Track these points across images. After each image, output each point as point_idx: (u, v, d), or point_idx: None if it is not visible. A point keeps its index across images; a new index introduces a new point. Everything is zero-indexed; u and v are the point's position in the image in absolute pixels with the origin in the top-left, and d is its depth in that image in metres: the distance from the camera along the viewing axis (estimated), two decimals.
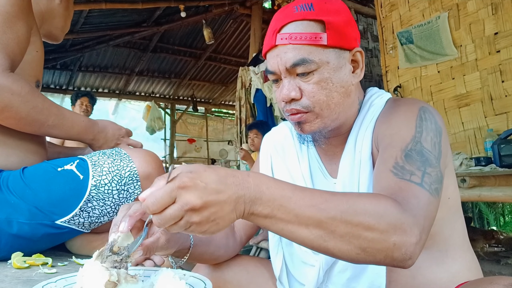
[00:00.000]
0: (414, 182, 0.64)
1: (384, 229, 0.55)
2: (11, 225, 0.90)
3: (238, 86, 5.17)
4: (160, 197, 0.50)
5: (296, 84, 0.77)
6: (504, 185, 1.99)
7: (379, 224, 0.55)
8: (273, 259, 0.91)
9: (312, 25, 0.75)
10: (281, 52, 0.76)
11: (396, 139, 0.72)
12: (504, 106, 2.78)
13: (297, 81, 0.77)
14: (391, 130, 0.75)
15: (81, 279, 0.55)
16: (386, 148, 0.72)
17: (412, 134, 0.71)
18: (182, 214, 0.51)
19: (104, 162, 0.99)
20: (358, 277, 0.79)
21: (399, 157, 0.68)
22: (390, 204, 0.58)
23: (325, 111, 0.77)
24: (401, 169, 0.66)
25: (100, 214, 0.97)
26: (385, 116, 0.80)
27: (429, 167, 0.67)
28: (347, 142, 0.84)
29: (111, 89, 8.18)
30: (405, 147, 0.69)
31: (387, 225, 0.55)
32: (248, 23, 6.22)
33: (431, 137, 0.72)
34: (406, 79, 3.48)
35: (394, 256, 0.56)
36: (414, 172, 0.65)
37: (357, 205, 0.56)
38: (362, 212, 0.56)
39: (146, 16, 5.79)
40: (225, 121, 10.27)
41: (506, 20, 2.77)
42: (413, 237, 0.56)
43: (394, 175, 0.66)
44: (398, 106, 0.80)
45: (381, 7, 3.78)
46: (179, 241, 0.72)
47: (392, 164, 0.67)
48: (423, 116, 0.74)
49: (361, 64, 0.81)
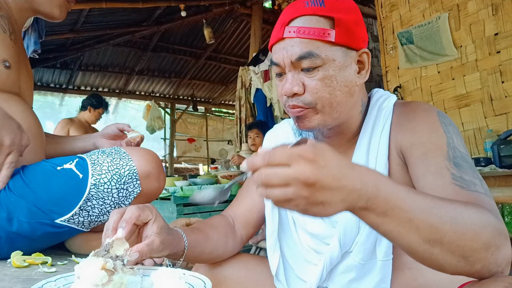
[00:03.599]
0: (480, 192, 0.64)
1: (487, 238, 0.54)
2: (11, 222, 0.90)
3: (238, 86, 5.17)
4: (278, 154, 0.49)
5: (300, 79, 0.76)
6: (504, 185, 2.00)
7: (484, 234, 0.54)
8: (270, 257, 0.91)
9: (321, 21, 0.74)
10: (288, 45, 0.75)
11: (431, 147, 0.72)
12: (504, 106, 2.78)
13: (301, 76, 0.76)
14: (419, 138, 0.74)
15: (78, 271, 0.55)
16: (424, 158, 0.72)
17: (445, 140, 0.72)
18: (292, 181, 0.48)
19: (103, 161, 0.98)
20: (362, 279, 0.79)
21: (451, 167, 0.68)
22: (488, 213, 0.57)
23: (326, 109, 0.76)
24: (462, 180, 0.66)
25: (100, 213, 0.97)
26: (403, 123, 0.79)
27: (477, 173, 0.69)
28: (358, 145, 0.82)
29: (111, 88, 8.18)
30: (447, 156, 0.70)
31: (490, 234, 0.55)
32: (249, 23, 6.22)
33: (459, 140, 0.73)
34: (406, 80, 3.48)
35: (490, 267, 0.55)
36: (474, 181, 0.66)
37: (465, 212, 0.56)
38: (470, 219, 0.55)
39: (146, 15, 5.78)
40: (225, 120, 10.27)
41: (507, 21, 2.77)
42: (507, 252, 0.56)
43: (459, 188, 0.66)
44: (414, 111, 0.79)
45: (381, 7, 3.78)
46: (173, 242, 0.72)
47: (450, 176, 0.67)
48: (444, 121, 0.76)
49: (367, 66, 0.80)
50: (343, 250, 0.80)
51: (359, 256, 0.78)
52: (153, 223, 0.68)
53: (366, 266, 0.78)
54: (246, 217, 0.94)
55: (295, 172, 0.48)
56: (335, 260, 0.80)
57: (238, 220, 0.94)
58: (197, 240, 0.79)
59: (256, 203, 0.94)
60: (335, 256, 0.80)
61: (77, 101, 5.90)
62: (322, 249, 0.84)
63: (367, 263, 0.78)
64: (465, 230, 0.54)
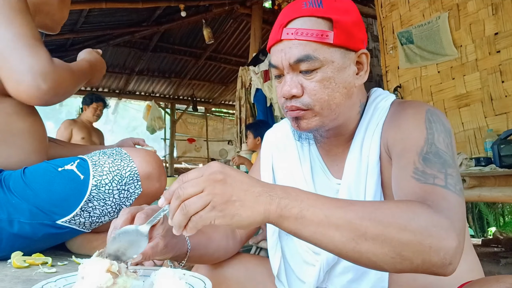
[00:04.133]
0: (439, 185, 0.62)
1: (416, 230, 0.53)
2: (12, 224, 0.90)
3: (238, 86, 5.17)
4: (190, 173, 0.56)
5: (298, 81, 0.76)
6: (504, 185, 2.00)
7: (410, 225, 0.53)
8: (271, 258, 0.91)
9: (319, 22, 0.74)
10: (286, 47, 0.75)
11: (409, 143, 0.71)
12: (504, 106, 2.78)
13: (300, 78, 0.76)
14: (401, 134, 0.74)
15: (82, 270, 0.55)
16: (401, 154, 0.71)
17: (424, 136, 0.70)
18: (204, 183, 0.54)
19: (104, 162, 0.99)
20: (360, 280, 0.79)
21: (417, 162, 0.67)
22: (420, 207, 0.56)
23: (325, 110, 0.76)
24: (422, 174, 0.64)
25: (101, 214, 0.97)
26: (392, 121, 0.79)
27: (449, 168, 0.65)
28: (352, 144, 0.83)
29: (111, 88, 8.18)
30: (420, 151, 0.68)
31: (419, 226, 0.53)
32: (248, 23, 6.22)
33: (443, 137, 0.71)
34: (406, 79, 3.48)
35: (433, 261, 0.53)
36: (437, 175, 0.64)
37: (384, 208, 0.56)
38: (390, 213, 0.54)
39: (146, 15, 5.79)
40: (225, 121, 10.27)
41: (506, 21, 2.77)
42: (451, 240, 0.53)
43: (416, 180, 0.64)
44: (405, 109, 0.79)
45: (381, 7, 3.78)
46: (176, 246, 0.72)
47: (412, 170, 0.66)
48: (430, 118, 0.74)
49: (365, 67, 0.80)
50: None
51: None
52: (160, 225, 0.68)
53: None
54: None
55: (208, 175, 0.54)
56: (331, 260, 0.80)
57: None
58: (200, 242, 0.79)
59: None
60: (331, 256, 0.80)
61: (77, 101, 5.90)
62: (318, 249, 0.84)
63: None
64: (387, 223, 0.53)
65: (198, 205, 0.53)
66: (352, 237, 0.54)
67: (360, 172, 0.79)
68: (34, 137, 1.04)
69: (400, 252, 0.53)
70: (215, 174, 0.54)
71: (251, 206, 0.54)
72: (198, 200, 0.53)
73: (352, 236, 0.54)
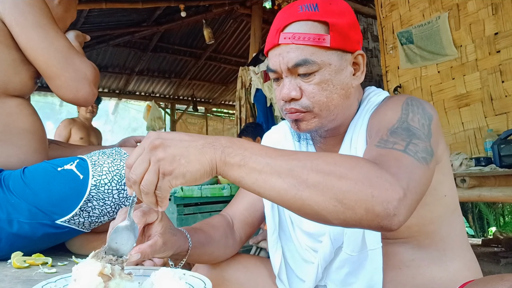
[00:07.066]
0: (397, 149, 0.62)
1: (357, 178, 0.53)
2: (11, 224, 0.90)
3: (238, 86, 5.17)
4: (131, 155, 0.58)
5: (297, 84, 0.77)
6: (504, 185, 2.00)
7: (351, 173, 0.54)
8: (272, 257, 0.91)
9: (316, 26, 0.75)
10: (284, 51, 0.76)
11: (384, 124, 0.72)
12: (504, 106, 2.78)
13: (298, 81, 0.77)
14: (378, 117, 0.76)
15: (75, 272, 0.54)
16: (375, 134, 0.72)
17: (398, 116, 0.71)
18: (148, 157, 0.55)
19: (104, 161, 0.99)
20: (356, 272, 0.80)
21: (385, 134, 0.67)
22: (365, 161, 0.57)
23: (324, 112, 0.78)
24: (384, 142, 0.65)
25: (100, 214, 0.97)
26: (376, 111, 0.81)
27: (416, 139, 0.65)
28: (344, 140, 0.85)
29: (111, 88, 8.18)
30: (391, 127, 0.69)
31: (360, 175, 0.53)
32: (248, 23, 6.22)
33: (419, 118, 0.71)
34: (406, 79, 3.48)
35: (376, 211, 0.52)
36: (398, 142, 0.64)
37: (328, 158, 0.56)
38: (333, 162, 0.55)
39: (146, 15, 5.79)
40: (225, 121, 10.28)
41: (506, 20, 2.77)
42: (395, 192, 0.53)
43: (376, 147, 0.65)
44: (389, 99, 0.81)
45: (381, 7, 3.78)
46: (176, 244, 0.72)
47: (377, 140, 0.67)
48: (409, 102, 0.75)
49: (362, 67, 0.81)
50: (335, 246, 0.81)
51: (350, 247, 0.79)
52: (158, 223, 0.68)
53: (358, 258, 0.79)
54: (245, 216, 0.94)
55: (147, 146, 0.56)
56: (328, 256, 0.81)
57: (237, 219, 0.94)
58: (200, 241, 0.79)
59: (254, 203, 0.94)
60: (328, 252, 0.81)
61: None
62: (317, 247, 0.85)
63: (358, 254, 0.79)
64: (328, 171, 0.54)
65: (152, 180, 0.55)
66: (294, 183, 0.54)
67: None
68: (34, 137, 1.04)
69: (341, 200, 0.53)
70: (153, 142, 0.55)
71: (197, 159, 0.56)
72: (149, 176, 0.55)
73: (294, 183, 0.54)
